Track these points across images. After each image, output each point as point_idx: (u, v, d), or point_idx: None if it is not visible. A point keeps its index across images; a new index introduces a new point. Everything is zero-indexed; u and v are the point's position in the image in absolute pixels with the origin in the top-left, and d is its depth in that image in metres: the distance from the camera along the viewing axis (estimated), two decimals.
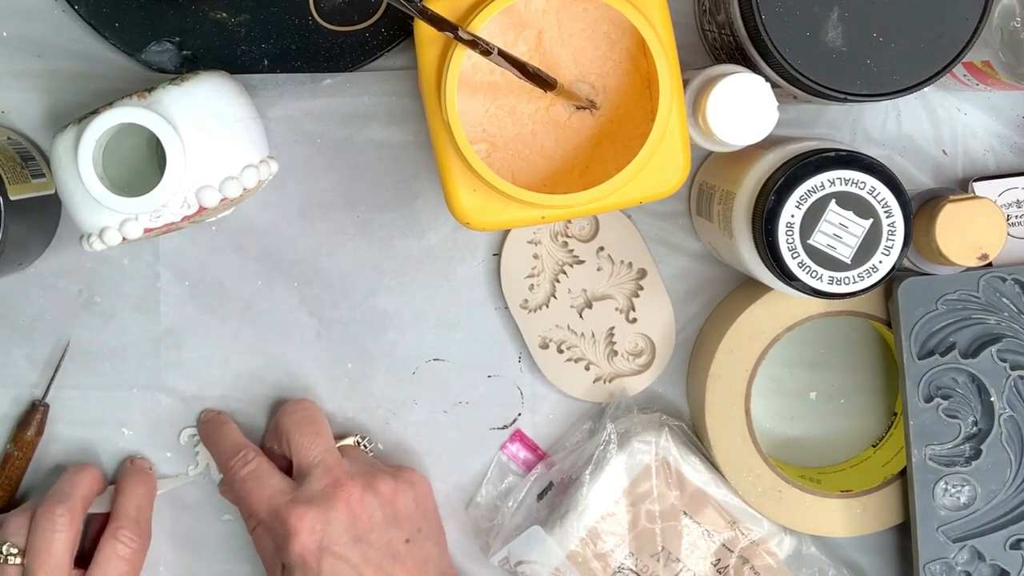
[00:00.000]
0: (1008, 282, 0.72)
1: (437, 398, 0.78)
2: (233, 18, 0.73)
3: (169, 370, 0.77)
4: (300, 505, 0.69)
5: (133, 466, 0.75)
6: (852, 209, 0.65)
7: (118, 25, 0.73)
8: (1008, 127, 0.77)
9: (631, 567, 0.75)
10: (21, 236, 0.70)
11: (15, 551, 0.70)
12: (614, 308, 0.77)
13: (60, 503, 0.70)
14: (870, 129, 0.77)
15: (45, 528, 0.69)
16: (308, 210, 0.76)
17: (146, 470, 0.76)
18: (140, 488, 0.74)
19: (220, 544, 0.78)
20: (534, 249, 0.77)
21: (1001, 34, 0.66)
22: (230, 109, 0.66)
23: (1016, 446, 0.73)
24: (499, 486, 0.78)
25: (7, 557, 0.70)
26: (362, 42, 0.74)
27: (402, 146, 0.76)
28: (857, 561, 0.79)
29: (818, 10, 0.64)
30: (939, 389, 0.73)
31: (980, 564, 0.73)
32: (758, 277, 0.69)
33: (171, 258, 0.76)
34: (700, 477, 0.75)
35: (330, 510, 0.69)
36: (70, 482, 0.72)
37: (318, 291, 0.77)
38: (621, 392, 0.77)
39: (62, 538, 0.69)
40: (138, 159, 0.69)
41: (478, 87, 0.66)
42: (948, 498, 0.73)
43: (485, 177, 0.62)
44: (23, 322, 0.76)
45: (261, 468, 0.72)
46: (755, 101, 0.65)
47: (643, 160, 0.62)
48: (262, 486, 0.71)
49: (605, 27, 0.66)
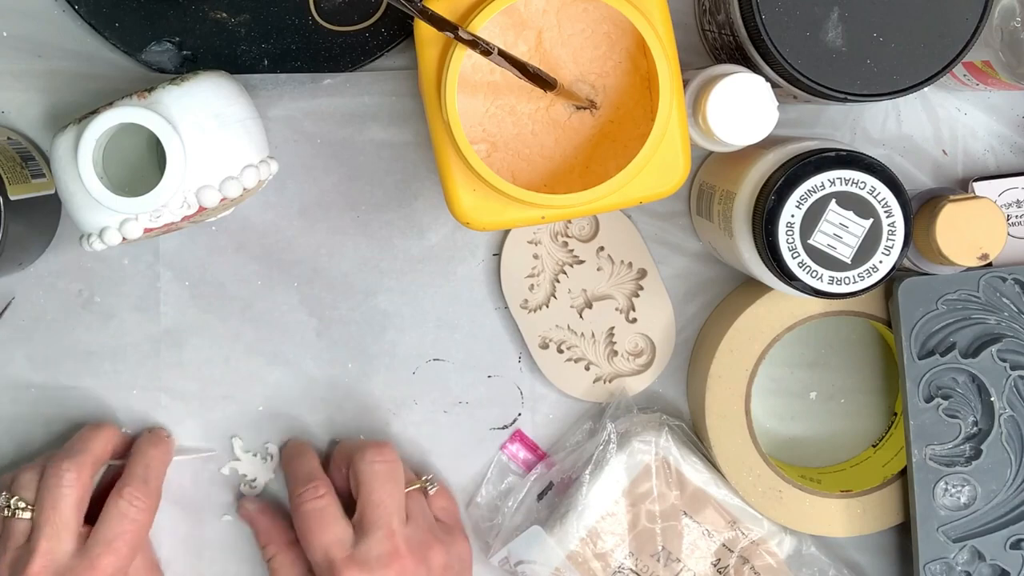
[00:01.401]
0: (1008, 282, 0.72)
1: (437, 398, 0.78)
2: (233, 18, 0.73)
3: (169, 370, 0.77)
4: (354, 567, 0.68)
5: (150, 433, 0.75)
6: (852, 209, 0.65)
7: (118, 25, 0.73)
8: (1008, 127, 0.77)
9: (631, 567, 0.75)
10: (21, 236, 0.70)
11: (23, 505, 0.70)
12: (614, 308, 0.77)
13: (68, 459, 0.70)
14: (870, 129, 0.77)
15: (52, 484, 0.69)
16: (308, 210, 0.76)
17: (161, 437, 0.75)
18: (152, 450, 0.73)
19: (220, 544, 0.78)
20: (534, 249, 0.77)
21: (1001, 34, 0.66)
22: (230, 109, 0.66)
23: (1016, 446, 0.73)
24: (499, 486, 0.78)
25: (15, 511, 0.69)
26: (362, 42, 0.74)
27: (402, 146, 0.76)
28: (857, 561, 0.79)
29: (818, 10, 0.64)
30: (939, 389, 0.73)
31: (980, 564, 0.73)
32: (758, 277, 0.69)
33: (171, 258, 0.76)
34: (700, 477, 0.75)
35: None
36: (82, 439, 0.72)
37: (318, 291, 0.77)
38: (621, 392, 0.77)
39: (69, 493, 0.69)
40: (138, 159, 0.69)
41: (478, 87, 0.66)
42: (948, 498, 0.73)
43: (485, 177, 0.62)
44: (23, 322, 0.76)
45: (328, 509, 0.71)
46: (755, 101, 0.65)
47: (643, 160, 0.62)
48: (324, 530, 0.70)
49: (605, 27, 0.66)
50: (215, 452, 0.77)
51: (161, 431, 0.76)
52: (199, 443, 0.77)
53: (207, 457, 0.77)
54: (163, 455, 0.74)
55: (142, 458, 0.73)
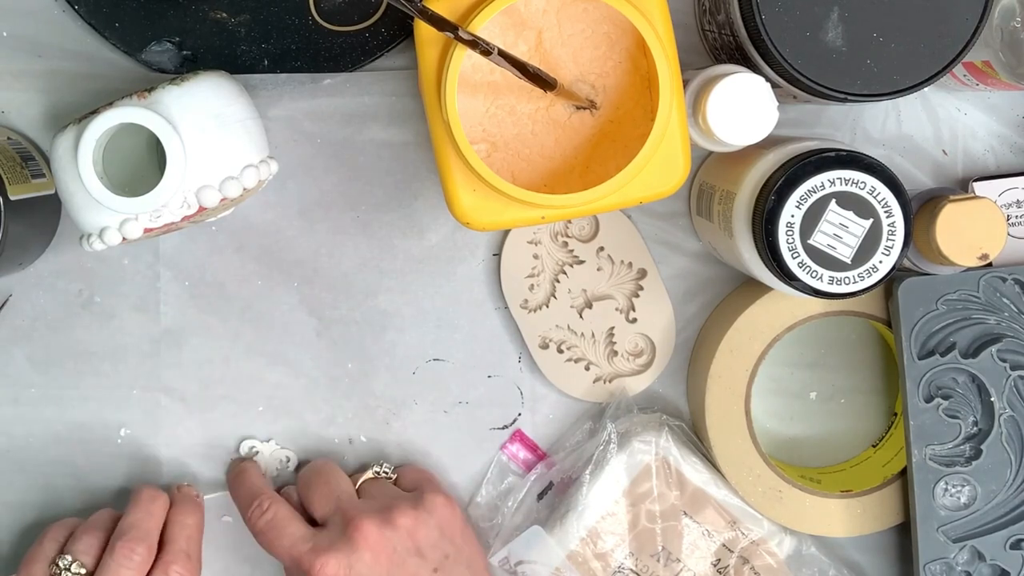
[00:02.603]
0: (1008, 282, 0.72)
1: (437, 398, 0.78)
2: (233, 18, 0.73)
3: (169, 370, 0.77)
4: (321, 553, 0.68)
5: (181, 494, 0.75)
6: (852, 209, 0.65)
7: (118, 25, 0.73)
8: (1008, 127, 0.77)
9: (631, 567, 0.75)
10: (21, 236, 0.70)
11: (83, 572, 0.69)
12: (614, 308, 0.77)
13: (141, 542, 0.69)
14: (870, 129, 0.77)
15: (122, 565, 0.69)
16: (308, 210, 0.76)
17: (194, 498, 0.75)
18: (190, 519, 0.73)
19: (220, 544, 0.78)
20: (534, 249, 0.77)
21: (1001, 34, 0.66)
22: (230, 109, 0.66)
23: (1016, 446, 0.73)
24: (499, 486, 0.78)
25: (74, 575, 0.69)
26: (362, 42, 0.74)
27: (402, 146, 0.76)
28: (857, 561, 0.79)
29: (818, 10, 0.63)
30: (939, 389, 0.73)
31: (980, 564, 0.73)
32: (758, 277, 0.69)
33: (171, 258, 0.76)
34: (700, 477, 0.75)
35: (351, 553, 0.68)
36: (149, 514, 0.72)
37: (318, 291, 0.77)
38: (621, 392, 0.77)
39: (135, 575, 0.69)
40: (138, 159, 0.69)
41: (478, 87, 0.66)
42: (948, 498, 0.73)
43: (485, 177, 0.62)
44: (23, 322, 0.76)
45: (278, 516, 0.71)
46: (755, 101, 0.65)
47: (643, 160, 0.62)
48: (281, 536, 0.70)
49: (605, 27, 0.66)
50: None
51: (190, 491, 0.75)
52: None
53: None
54: (199, 522, 0.74)
55: (183, 530, 0.72)
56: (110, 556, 0.69)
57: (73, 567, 0.69)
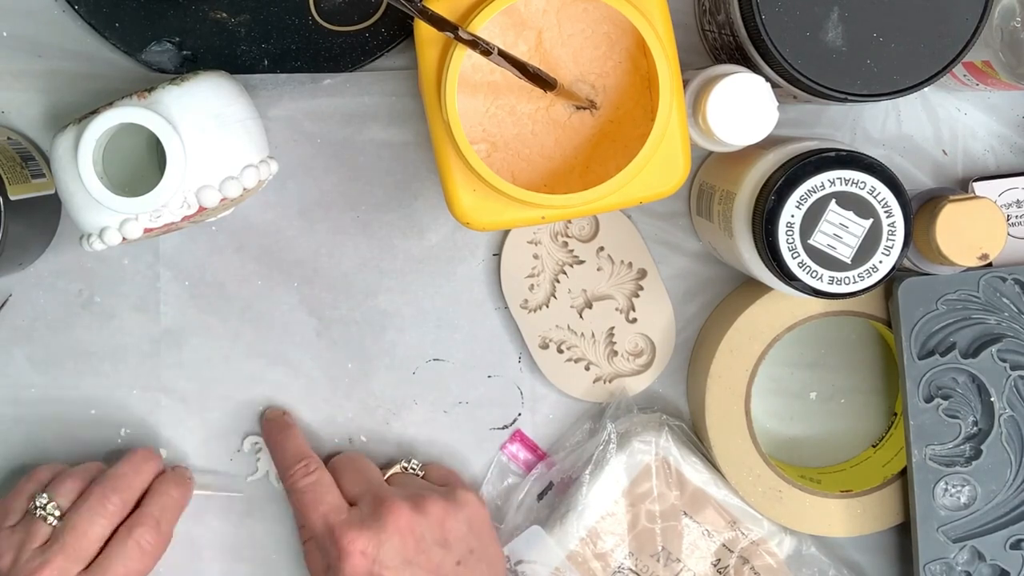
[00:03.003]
0: (1008, 282, 0.72)
1: (437, 398, 0.78)
2: (233, 18, 0.73)
3: (169, 370, 0.77)
4: (353, 527, 0.69)
5: (173, 472, 0.75)
6: (852, 209, 0.65)
7: (118, 25, 0.73)
8: (1008, 127, 0.77)
9: (631, 567, 0.75)
10: (21, 236, 0.70)
11: (57, 513, 0.70)
12: (614, 308, 0.77)
13: (118, 493, 0.70)
14: (870, 129, 0.77)
15: (93, 511, 0.69)
16: (308, 210, 0.76)
17: (185, 477, 0.75)
18: (173, 491, 0.73)
19: (220, 544, 0.78)
20: (534, 249, 0.77)
21: (1001, 34, 0.66)
22: (230, 109, 0.66)
23: (1016, 446, 0.73)
24: (499, 486, 0.78)
25: (48, 516, 0.70)
26: (362, 42, 0.74)
27: (402, 146, 0.76)
28: (857, 561, 0.79)
29: (818, 10, 0.64)
30: (939, 389, 0.73)
31: (980, 564, 0.73)
32: (758, 277, 0.69)
33: (171, 258, 0.76)
34: (700, 477, 0.75)
35: (380, 532, 0.69)
36: (136, 471, 0.72)
37: (318, 291, 0.77)
38: (621, 392, 0.77)
39: (103, 525, 0.69)
40: (138, 159, 0.69)
41: (478, 87, 0.66)
42: (948, 498, 0.73)
43: (485, 177, 0.62)
44: (23, 322, 0.76)
45: (321, 482, 0.72)
46: (755, 101, 0.65)
47: (643, 160, 0.62)
48: (319, 501, 0.71)
49: (605, 27, 0.66)
50: (242, 495, 0.77)
51: (185, 471, 0.76)
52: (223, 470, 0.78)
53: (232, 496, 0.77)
54: (181, 498, 0.74)
55: (159, 498, 0.73)
56: (84, 500, 0.70)
57: (48, 507, 0.70)
